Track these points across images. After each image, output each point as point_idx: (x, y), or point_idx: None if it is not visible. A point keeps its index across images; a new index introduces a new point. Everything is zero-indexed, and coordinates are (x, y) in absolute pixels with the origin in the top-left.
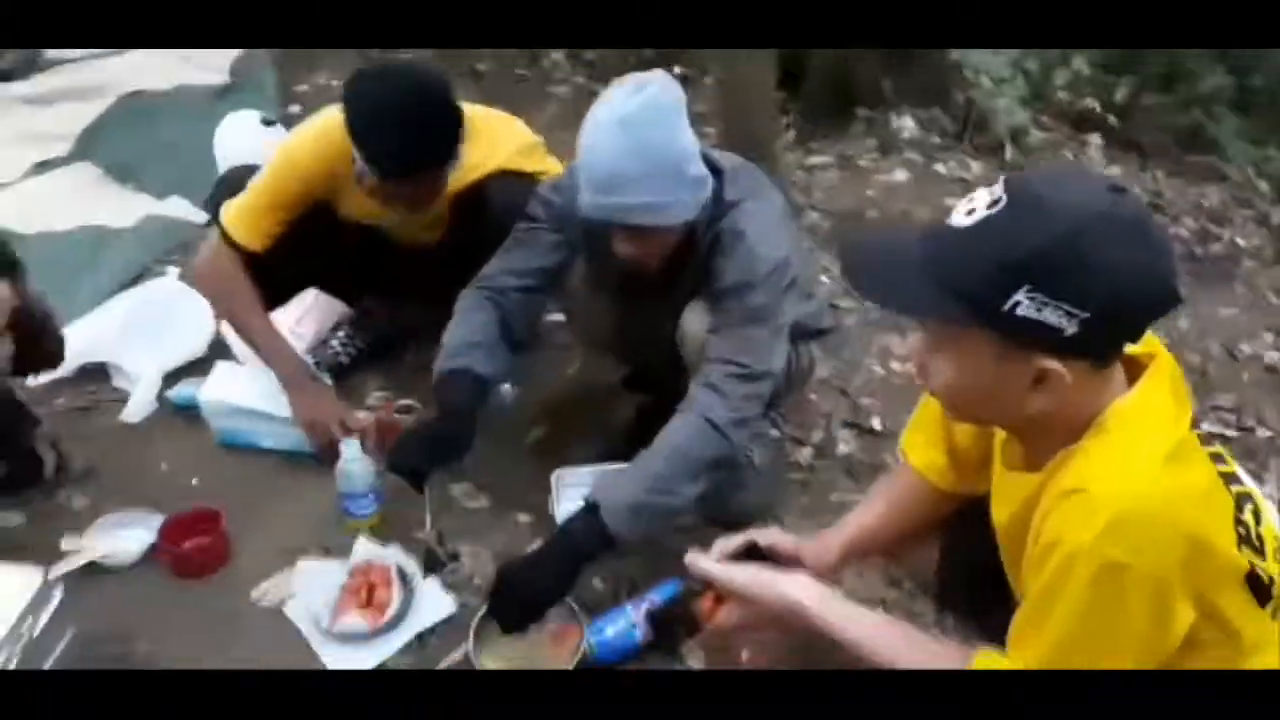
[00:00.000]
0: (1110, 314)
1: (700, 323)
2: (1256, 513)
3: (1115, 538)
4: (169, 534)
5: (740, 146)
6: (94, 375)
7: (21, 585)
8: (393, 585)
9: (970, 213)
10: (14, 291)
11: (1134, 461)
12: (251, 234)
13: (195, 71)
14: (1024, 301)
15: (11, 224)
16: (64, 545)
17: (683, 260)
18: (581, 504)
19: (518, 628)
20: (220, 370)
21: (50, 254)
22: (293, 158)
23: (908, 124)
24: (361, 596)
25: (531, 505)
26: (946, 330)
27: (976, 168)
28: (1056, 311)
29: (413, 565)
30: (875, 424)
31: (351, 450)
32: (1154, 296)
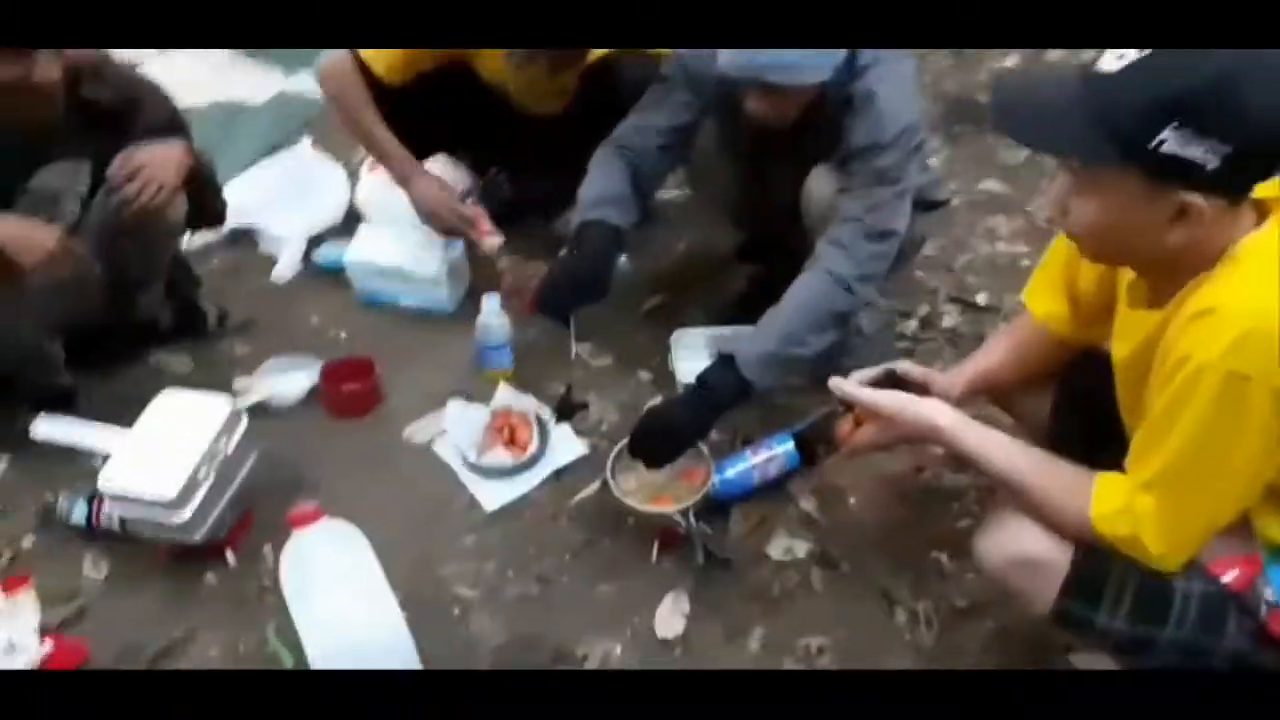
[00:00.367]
0: (1251, 150)
1: (826, 185)
2: None
3: (1241, 352)
4: (329, 377)
5: None
6: (241, 241)
7: (215, 410)
8: (532, 427)
9: (1121, 57)
10: (188, 151)
11: (1264, 284)
12: (389, 65)
13: None
14: (1170, 138)
15: None
16: (235, 386)
17: (813, 122)
18: (698, 363)
19: (658, 464)
20: (364, 232)
21: None
22: None
23: None
24: (505, 435)
25: (651, 364)
26: (1091, 170)
27: (1089, 53)
28: (1201, 147)
29: (547, 412)
30: (980, 299)
31: (492, 304)
32: None
